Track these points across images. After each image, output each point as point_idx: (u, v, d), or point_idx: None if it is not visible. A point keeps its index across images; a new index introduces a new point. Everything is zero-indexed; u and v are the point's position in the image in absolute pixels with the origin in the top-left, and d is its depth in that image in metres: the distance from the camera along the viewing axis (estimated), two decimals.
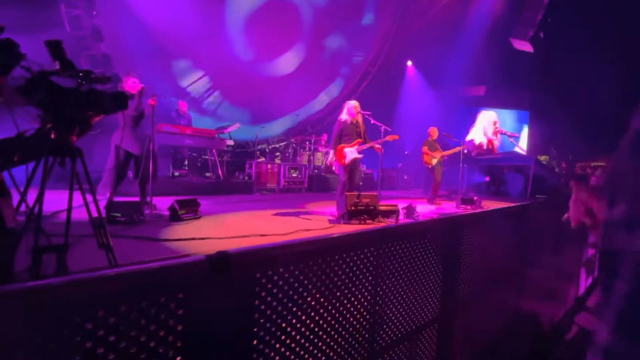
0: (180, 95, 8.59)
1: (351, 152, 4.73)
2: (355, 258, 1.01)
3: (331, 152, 4.81)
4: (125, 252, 2.47)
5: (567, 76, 11.81)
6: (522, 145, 16.12)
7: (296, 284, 0.83)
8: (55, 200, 2.68)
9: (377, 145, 4.79)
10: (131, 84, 3.95)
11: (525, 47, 11.48)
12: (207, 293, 0.64)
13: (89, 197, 1.73)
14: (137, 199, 4.28)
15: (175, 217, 3.76)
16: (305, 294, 0.87)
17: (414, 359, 1.30)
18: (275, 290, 0.77)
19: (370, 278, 1.08)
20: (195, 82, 9.10)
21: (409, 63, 13.67)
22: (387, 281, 1.19)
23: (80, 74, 1.53)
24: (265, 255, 0.77)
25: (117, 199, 4.22)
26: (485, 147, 9.56)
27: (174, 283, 0.61)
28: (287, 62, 10.52)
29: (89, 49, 6.88)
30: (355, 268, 1.01)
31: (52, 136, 1.46)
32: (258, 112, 10.49)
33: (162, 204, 4.43)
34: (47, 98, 1.38)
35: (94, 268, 1.88)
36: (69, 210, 1.60)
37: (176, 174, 7.01)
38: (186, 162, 7.53)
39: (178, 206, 3.80)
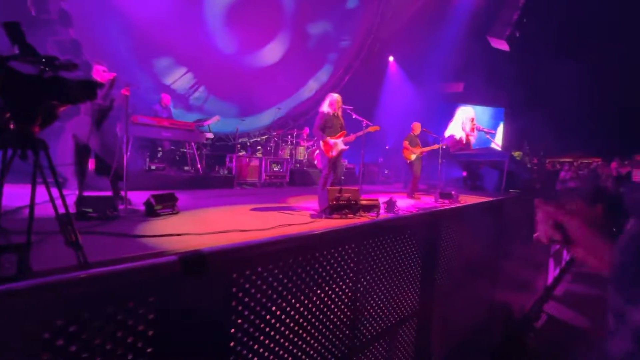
0: (166, 91, 8.43)
1: (339, 144, 4.73)
2: (336, 255, 1.00)
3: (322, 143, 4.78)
4: (96, 250, 2.35)
5: (540, 75, 12.27)
6: (498, 141, 16.69)
7: (275, 283, 0.81)
8: (17, 195, 2.52)
9: (352, 137, 4.83)
10: (101, 73, 3.75)
11: (502, 45, 11.79)
12: (181, 296, 0.61)
13: (55, 192, 1.62)
14: (110, 194, 4.11)
15: (151, 212, 3.63)
16: (284, 292, 0.85)
17: (393, 354, 1.31)
18: (253, 291, 0.74)
19: (351, 274, 1.07)
20: (178, 78, 8.99)
21: (391, 58, 13.76)
22: (368, 277, 1.19)
23: (43, 60, 1.42)
24: (242, 254, 0.74)
25: (89, 193, 4.03)
26: (464, 142, 9.81)
27: (144, 286, 0.57)
28: (272, 52, 10.39)
29: (56, 34, 6.48)
30: (336, 265, 1.00)
31: (11, 126, 1.36)
32: (246, 104, 10.39)
33: (138, 198, 4.26)
34: (4, 85, 1.27)
35: (60, 269, 1.78)
36: (32, 206, 1.50)
37: (153, 167, 6.77)
38: (162, 154, 7.30)
39: (154, 201, 3.67)
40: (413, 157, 7.13)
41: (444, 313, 1.88)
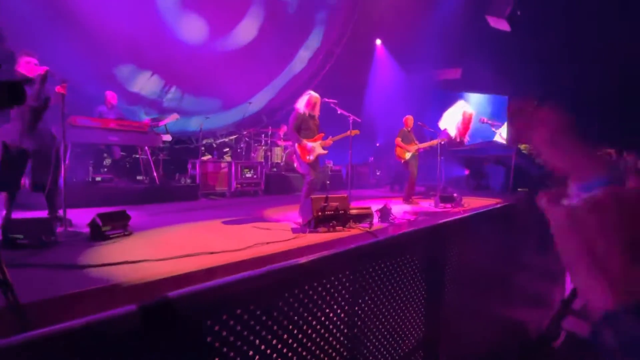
0: (133, 101, 8.54)
1: (316, 148, 4.75)
2: (328, 286, 0.99)
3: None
4: (30, 287, 2.25)
5: (547, 57, 12.74)
6: (504, 133, 17.19)
7: (258, 327, 0.79)
8: None
9: (329, 141, 4.89)
10: (25, 65, 3.61)
11: (502, 25, 12.20)
12: (143, 356, 0.58)
13: None
14: (45, 213, 3.96)
15: (98, 235, 3.51)
16: (269, 337, 0.83)
17: None
18: (232, 339, 0.72)
19: (346, 307, 1.06)
20: (145, 84, 9.13)
21: (378, 42, 13.97)
22: (366, 308, 1.19)
23: None
24: (218, 295, 0.71)
25: (18, 214, 3.86)
26: (457, 140, 10.07)
27: (94, 349, 0.54)
28: (246, 30, 10.38)
29: None
30: (329, 298, 0.99)
31: None
32: (232, 94, 10.47)
33: (80, 218, 4.12)
34: None
35: None
36: None
37: (97, 179, 6.57)
38: (110, 163, 7.10)
39: (101, 221, 3.55)
40: (408, 155, 7.23)
41: (452, 340, 1.90)
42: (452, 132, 9.89)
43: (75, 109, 6.04)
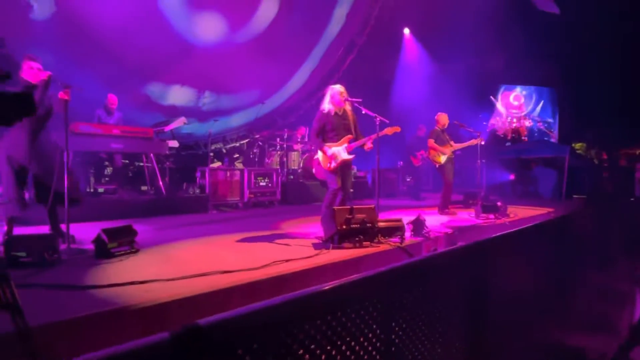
0: (171, 114, 9.25)
1: (340, 153, 4.76)
2: (354, 316, 1.02)
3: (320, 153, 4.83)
4: (35, 308, 2.36)
5: (602, 43, 12.39)
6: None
7: (289, 358, 0.83)
8: None
9: (369, 144, 4.85)
10: (28, 70, 3.82)
11: (550, 7, 12.01)
12: None
13: None
14: (46, 229, 4.14)
15: (103, 252, 3.65)
16: None
17: None
18: None
19: (378, 344, 1.09)
20: (178, 96, 10.06)
21: (406, 31, 13.95)
22: (397, 341, 1.21)
23: None
24: (250, 322, 0.76)
25: (18, 230, 4.06)
26: (509, 137, 9.94)
27: None
28: (266, 13, 10.71)
29: None
30: (354, 329, 1.02)
31: None
32: (268, 82, 11.13)
33: (84, 233, 4.29)
34: None
35: None
36: None
37: (100, 190, 6.82)
38: (111, 172, 7.34)
39: (107, 237, 3.69)
40: (443, 159, 7.17)
41: None
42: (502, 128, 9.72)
43: (72, 113, 6.37)
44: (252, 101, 10.98)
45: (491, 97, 15.21)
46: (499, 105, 16.54)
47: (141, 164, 7.64)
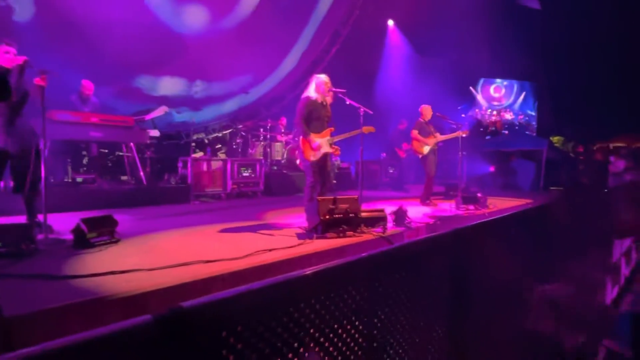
0: (164, 102, 9.11)
1: (324, 144, 4.75)
2: (337, 300, 1.03)
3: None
4: (14, 299, 2.32)
5: (581, 37, 12.64)
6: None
7: (273, 340, 0.84)
8: None
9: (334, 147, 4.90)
10: (3, 55, 3.67)
11: (532, 3, 12.18)
12: None
13: None
14: (23, 218, 4.03)
15: (82, 242, 3.58)
16: (285, 349, 0.88)
17: None
18: (247, 352, 0.77)
19: (361, 327, 1.11)
20: (169, 87, 10.08)
21: (390, 23, 13.96)
22: (380, 325, 1.23)
23: None
24: (234, 305, 0.76)
25: None
26: (490, 129, 10.09)
27: None
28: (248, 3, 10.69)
29: None
30: (337, 313, 1.04)
31: None
32: (260, 65, 11.17)
33: (62, 224, 4.20)
34: None
35: None
36: None
37: (78, 179, 6.66)
38: (89, 161, 7.16)
39: (86, 227, 3.62)
40: (426, 150, 7.23)
41: (479, 358, 1.95)
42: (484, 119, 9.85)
43: (49, 101, 6.23)
44: (245, 85, 11.03)
45: (471, 87, 15.40)
46: (480, 97, 16.78)
47: (121, 153, 7.50)
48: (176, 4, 9.45)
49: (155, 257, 3.34)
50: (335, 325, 1.06)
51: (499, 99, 17.36)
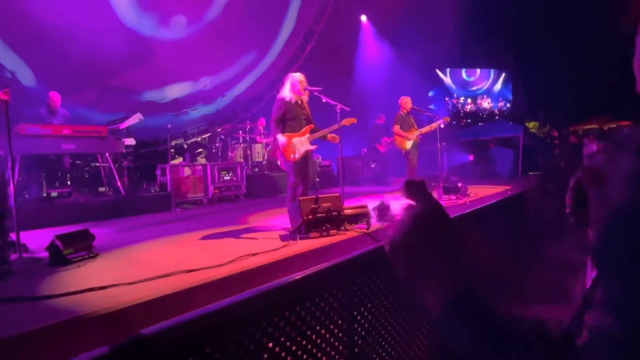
0: (178, 107, 9.47)
1: (301, 144, 4.72)
2: (322, 304, 1.00)
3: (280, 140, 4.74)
4: None
5: (553, 23, 12.87)
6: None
7: (246, 358, 0.80)
8: None
9: (331, 135, 4.86)
10: None
11: None
12: None
13: None
14: None
15: (58, 259, 3.47)
16: None
17: None
18: None
19: (344, 326, 1.08)
20: (178, 91, 10.43)
21: (363, 18, 13.97)
22: (365, 323, 1.20)
23: None
24: (199, 327, 0.72)
25: None
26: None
27: None
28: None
29: None
30: (324, 317, 1.00)
31: None
32: (261, 40, 11.53)
33: (37, 242, 4.06)
34: None
35: None
36: None
37: (53, 194, 6.45)
38: (62, 174, 6.97)
39: (61, 243, 3.50)
40: (409, 145, 7.21)
41: None
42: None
43: (20, 116, 6.04)
44: (252, 63, 11.50)
45: (437, 70, 15.28)
46: (448, 81, 16.44)
47: (97, 164, 7.32)
48: (142, 8, 9.38)
49: (135, 270, 3.25)
50: (322, 330, 1.03)
51: (475, 82, 16.98)
